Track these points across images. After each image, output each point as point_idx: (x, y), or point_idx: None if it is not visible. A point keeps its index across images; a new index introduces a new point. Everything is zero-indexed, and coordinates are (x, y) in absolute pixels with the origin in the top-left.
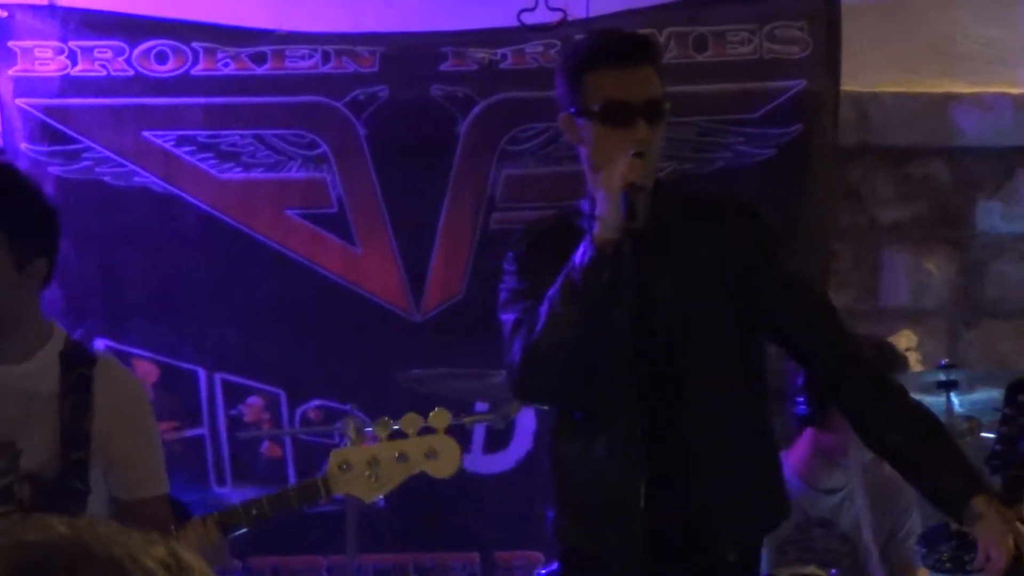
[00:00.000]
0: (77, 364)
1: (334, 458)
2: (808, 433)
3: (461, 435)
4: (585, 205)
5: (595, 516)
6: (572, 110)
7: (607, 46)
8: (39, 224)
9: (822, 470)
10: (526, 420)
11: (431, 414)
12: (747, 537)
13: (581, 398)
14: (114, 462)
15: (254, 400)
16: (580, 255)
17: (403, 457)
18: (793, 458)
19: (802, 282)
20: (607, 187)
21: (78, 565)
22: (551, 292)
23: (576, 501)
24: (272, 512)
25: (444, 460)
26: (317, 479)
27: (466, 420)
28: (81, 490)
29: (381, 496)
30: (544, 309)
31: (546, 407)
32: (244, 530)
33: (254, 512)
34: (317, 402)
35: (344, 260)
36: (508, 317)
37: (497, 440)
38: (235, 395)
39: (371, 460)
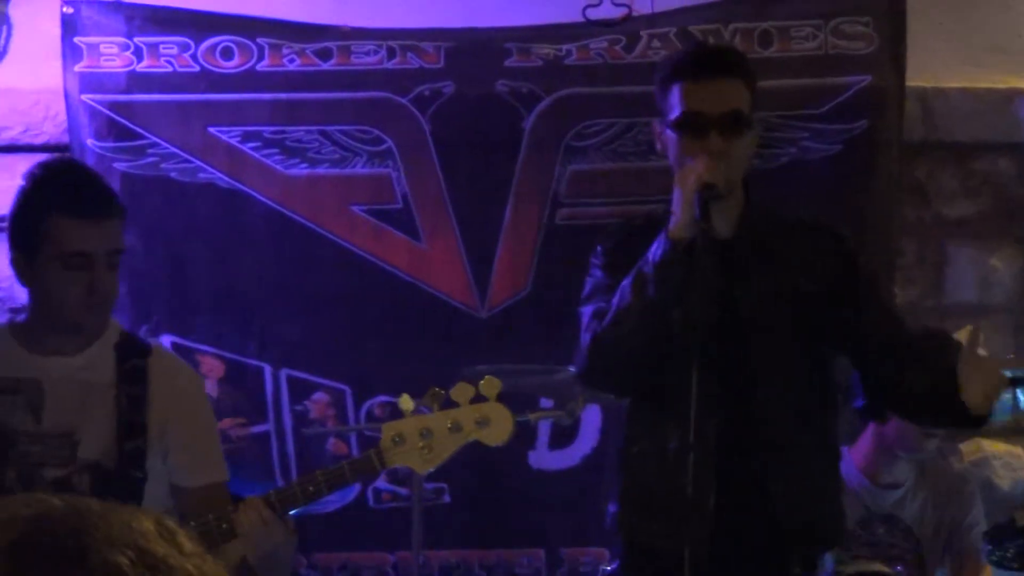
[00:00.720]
0: (132, 355)
1: (387, 431)
2: (870, 428)
3: (527, 432)
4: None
5: (664, 513)
6: (658, 119)
7: (690, 58)
8: None
9: (884, 465)
10: (592, 416)
11: (482, 382)
12: (812, 553)
13: (655, 395)
14: (172, 449)
15: (319, 396)
16: (654, 249)
17: (456, 427)
18: (856, 454)
19: (883, 309)
20: (682, 186)
21: (83, 534)
22: (623, 283)
23: (645, 498)
24: (328, 488)
25: (496, 427)
26: (370, 452)
27: (531, 416)
28: (139, 478)
29: (434, 467)
30: (615, 300)
31: (612, 397)
32: (300, 507)
33: (310, 489)
34: (382, 398)
35: (409, 256)
36: (587, 309)
37: (563, 436)
38: (301, 391)
39: (424, 431)
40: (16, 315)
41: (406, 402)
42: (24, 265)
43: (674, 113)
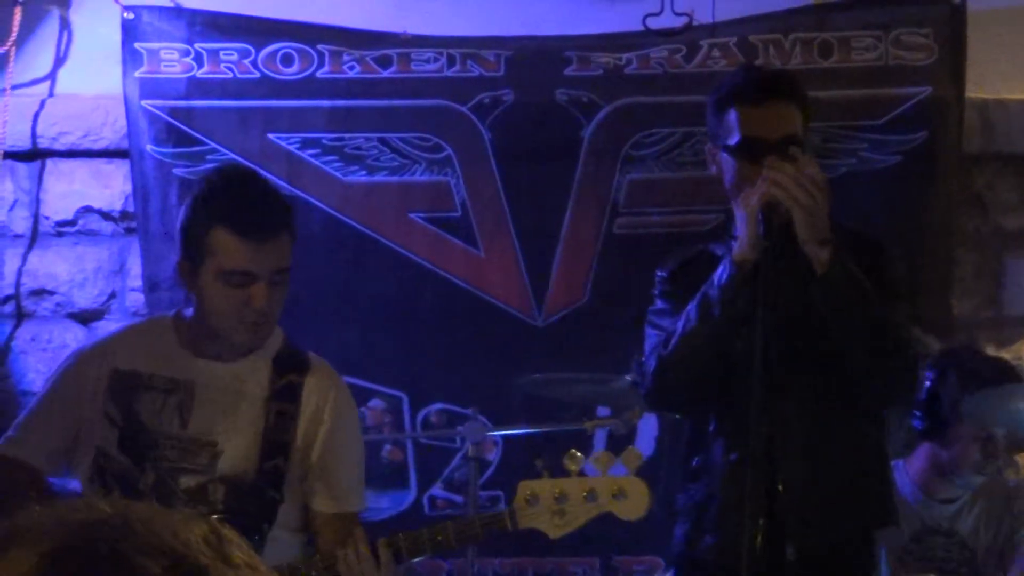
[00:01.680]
0: (289, 370)
1: (522, 490)
2: (926, 446)
3: (582, 440)
4: (720, 250)
5: (724, 527)
6: (714, 142)
7: (745, 83)
8: None
9: (939, 482)
10: (648, 425)
11: (623, 453)
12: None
13: (715, 407)
14: (311, 472)
15: (376, 403)
16: (719, 273)
17: (592, 496)
18: (912, 468)
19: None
20: (745, 207)
21: (120, 540)
22: (689, 307)
23: (704, 511)
24: (456, 542)
25: (633, 502)
26: (504, 511)
27: (587, 425)
28: (275, 498)
29: (564, 533)
30: (680, 324)
31: (677, 416)
32: (425, 555)
33: (439, 539)
34: (439, 406)
35: (467, 264)
36: (650, 332)
37: (619, 445)
38: (357, 398)
39: (559, 495)
40: (183, 308)
41: (542, 464)
42: (189, 273)
43: (732, 139)
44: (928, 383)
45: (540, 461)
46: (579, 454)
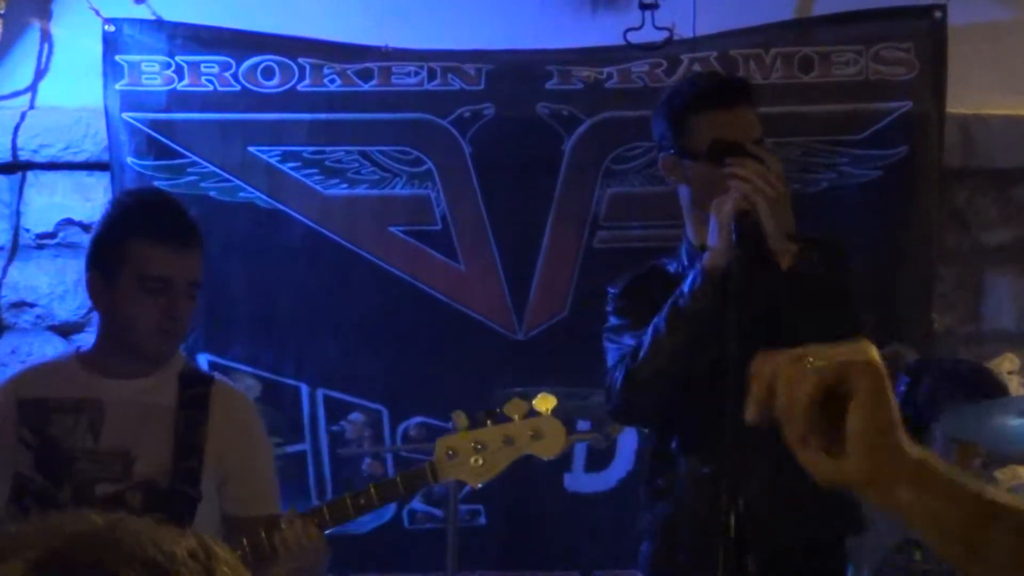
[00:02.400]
0: (195, 383)
1: (440, 445)
2: None
3: (563, 454)
4: (672, 266)
5: (692, 545)
6: (675, 151)
7: (711, 89)
8: None
9: None
10: (628, 439)
11: (536, 398)
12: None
13: (678, 426)
14: (227, 478)
15: (356, 416)
16: (689, 282)
17: (509, 440)
18: None
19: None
20: (718, 214)
21: (104, 553)
22: (656, 320)
23: (672, 530)
24: (380, 500)
25: (550, 440)
26: (424, 464)
27: (568, 439)
28: (192, 496)
29: (487, 480)
30: (648, 336)
31: (645, 430)
32: (351, 520)
33: (361, 501)
34: (419, 419)
35: (447, 277)
36: (612, 345)
37: (598, 459)
38: (337, 411)
39: (477, 445)
40: (82, 347)
41: (460, 417)
42: (101, 286)
43: (703, 144)
44: (902, 388)
45: (457, 417)
46: (496, 410)
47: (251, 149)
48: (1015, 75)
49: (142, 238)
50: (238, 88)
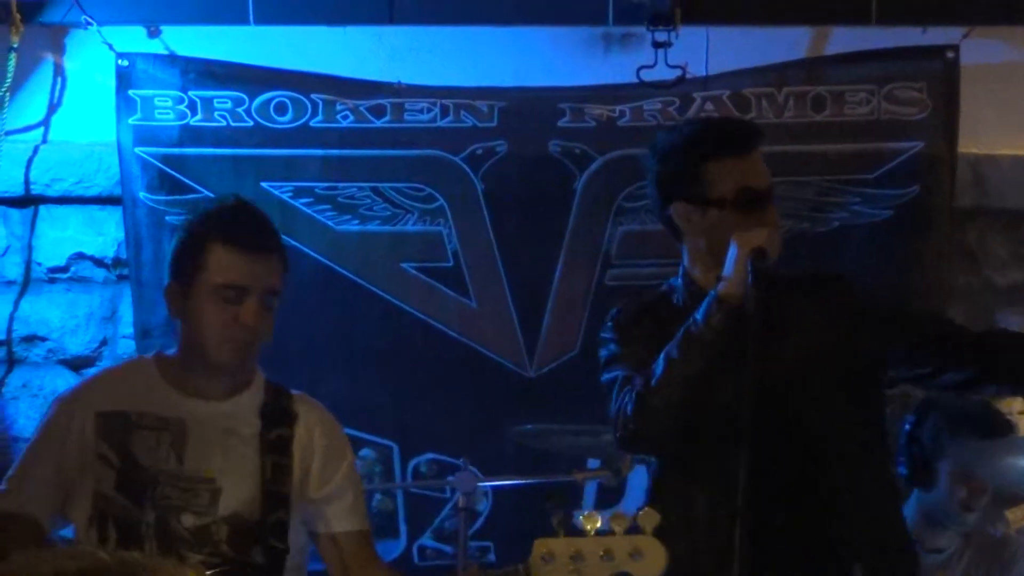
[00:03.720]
0: (278, 423)
1: (538, 547)
2: (915, 495)
3: (573, 492)
4: (676, 296)
5: None
6: (690, 198)
7: (727, 134)
8: None
9: (929, 531)
10: (638, 477)
11: (640, 513)
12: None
13: (681, 464)
14: (317, 501)
15: (367, 453)
16: (703, 310)
17: (608, 556)
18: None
19: (904, 308)
20: (739, 246)
21: None
22: (668, 347)
23: (678, 567)
24: None
25: (649, 562)
26: (519, 566)
27: (578, 476)
28: (280, 550)
29: None
30: (661, 363)
31: (652, 457)
32: None
33: None
34: (430, 456)
35: (459, 314)
36: (610, 375)
37: (608, 497)
38: None
39: (575, 555)
40: (164, 348)
41: (558, 519)
42: (179, 295)
43: (722, 190)
44: (908, 427)
45: (556, 519)
46: (596, 515)
47: (263, 185)
48: None
49: (218, 244)
50: (251, 124)
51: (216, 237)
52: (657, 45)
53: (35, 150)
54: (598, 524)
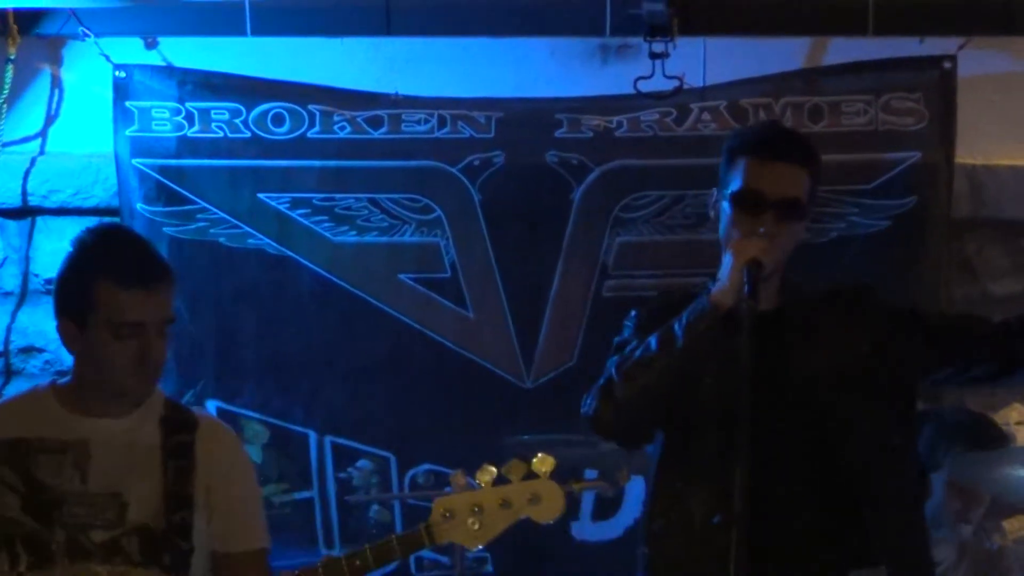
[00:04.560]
0: (179, 428)
1: (437, 506)
2: None
3: (570, 502)
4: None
5: None
6: (719, 187)
7: (761, 137)
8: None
9: None
10: (635, 488)
11: (535, 460)
12: None
13: (680, 468)
14: (214, 514)
15: (364, 464)
16: (691, 309)
17: (506, 503)
18: None
19: (930, 315)
20: (735, 256)
21: None
22: (650, 338)
23: (671, 571)
24: (376, 563)
25: (547, 505)
26: (420, 527)
27: (575, 487)
28: (186, 550)
29: (484, 543)
30: (638, 351)
31: (615, 443)
32: None
33: (357, 563)
34: (427, 467)
35: (456, 325)
36: (613, 360)
37: (606, 508)
38: (345, 458)
39: (474, 507)
40: (58, 378)
41: (458, 477)
42: (73, 331)
43: (734, 187)
44: None
45: (455, 477)
46: (491, 467)
47: (261, 196)
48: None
49: (110, 283)
50: (248, 135)
51: (103, 275)
52: (654, 56)
53: (32, 161)
54: (493, 475)
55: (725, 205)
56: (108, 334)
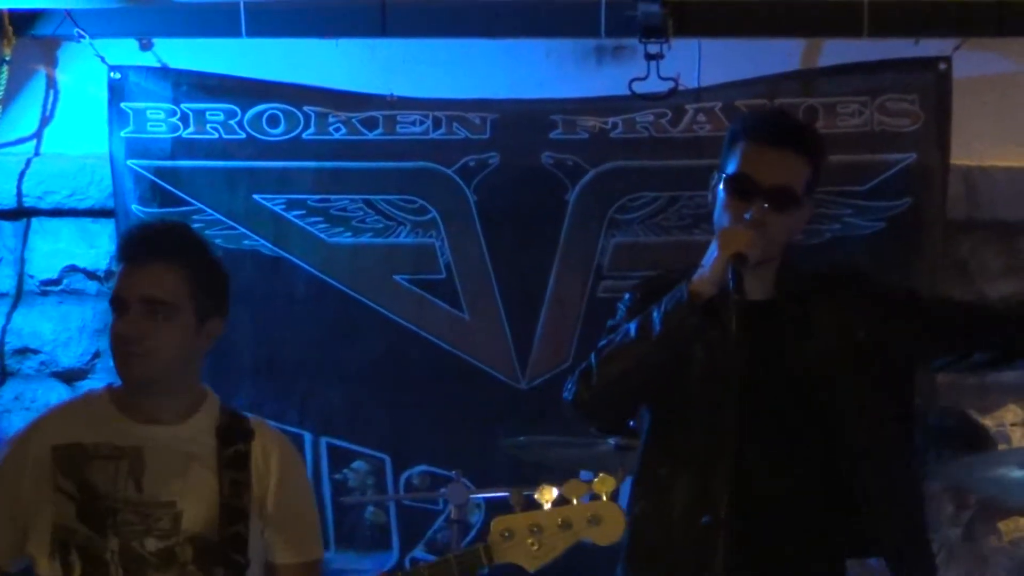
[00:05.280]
0: (234, 439)
1: (496, 525)
2: None
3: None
4: None
5: (672, 573)
6: (720, 170)
7: (762, 122)
8: (219, 283)
9: None
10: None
11: (595, 480)
12: None
13: (664, 456)
14: (268, 525)
15: (359, 465)
16: (669, 297)
17: (566, 524)
18: None
19: (926, 297)
20: (721, 245)
21: None
22: (629, 324)
23: (648, 560)
24: None
25: (608, 526)
26: (479, 547)
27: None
28: (240, 564)
29: (543, 564)
30: (618, 336)
31: (593, 428)
32: None
33: None
34: (422, 468)
35: (451, 326)
36: (602, 343)
37: None
38: (340, 459)
39: (533, 527)
40: (112, 385)
41: (516, 495)
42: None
43: (728, 170)
44: None
45: (514, 496)
46: (551, 487)
47: (256, 197)
48: (1019, 127)
49: (116, 262)
50: (243, 136)
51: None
52: (649, 57)
53: (27, 163)
54: (553, 496)
55: (720, 190)
56: (111, 312)
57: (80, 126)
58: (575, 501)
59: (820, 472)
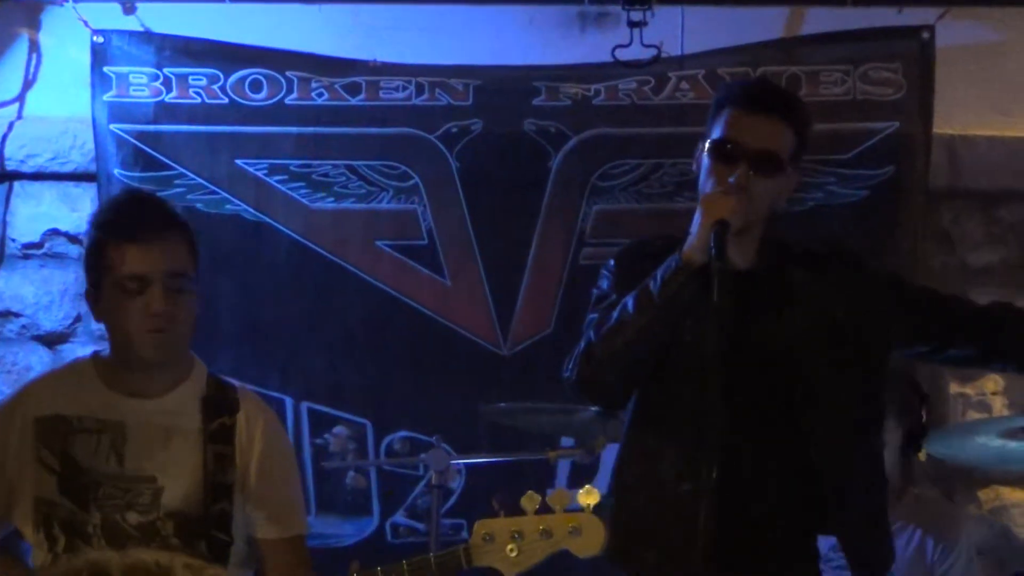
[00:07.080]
0: (220, 411)
1: (478, 528)
2: None
3: (546, 470)
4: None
5: (658, 544)
6: (702, 140)
7: (747, 88)
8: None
9: None
10: (612, 455)
11: (580, 492)
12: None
13: (653, 422)
14: (251, 499)
15: (340, 430)
16: (663, 268)
17: (547, 533)
18: None
19: (912, 287)
20: (705, 211)
21: None
22: (627, 298)
23: (637, 526)
24: None
25: (588, 539)
26: (459, 548)
27: (551, 455)
28: (224, 541)
29: (521, 571)
30: (616, 312)
31: (598, 407)
32: None
33: None
34: (403, 433)
35: (433, 292)
36: (591, 316)
37: (582, 474)
38: (321, 425)
39: (515, 533)
40: (98, 353)
41: (499, 499)
42: (94, 298)
43: (713, 136)
44: None
45: (496, 501)
46: (536, 495)
47: (238, 162)
48: (1002, 96)
49: (113, 240)
50: (226, 101)
51: (110, 236)
52: (632, 24)
53: (10, 126)
54: (538, 504)
55: (705, 157)
56: (118, 290)
57: (63, 90)
58: (558, 510)
59: (788, 447)
